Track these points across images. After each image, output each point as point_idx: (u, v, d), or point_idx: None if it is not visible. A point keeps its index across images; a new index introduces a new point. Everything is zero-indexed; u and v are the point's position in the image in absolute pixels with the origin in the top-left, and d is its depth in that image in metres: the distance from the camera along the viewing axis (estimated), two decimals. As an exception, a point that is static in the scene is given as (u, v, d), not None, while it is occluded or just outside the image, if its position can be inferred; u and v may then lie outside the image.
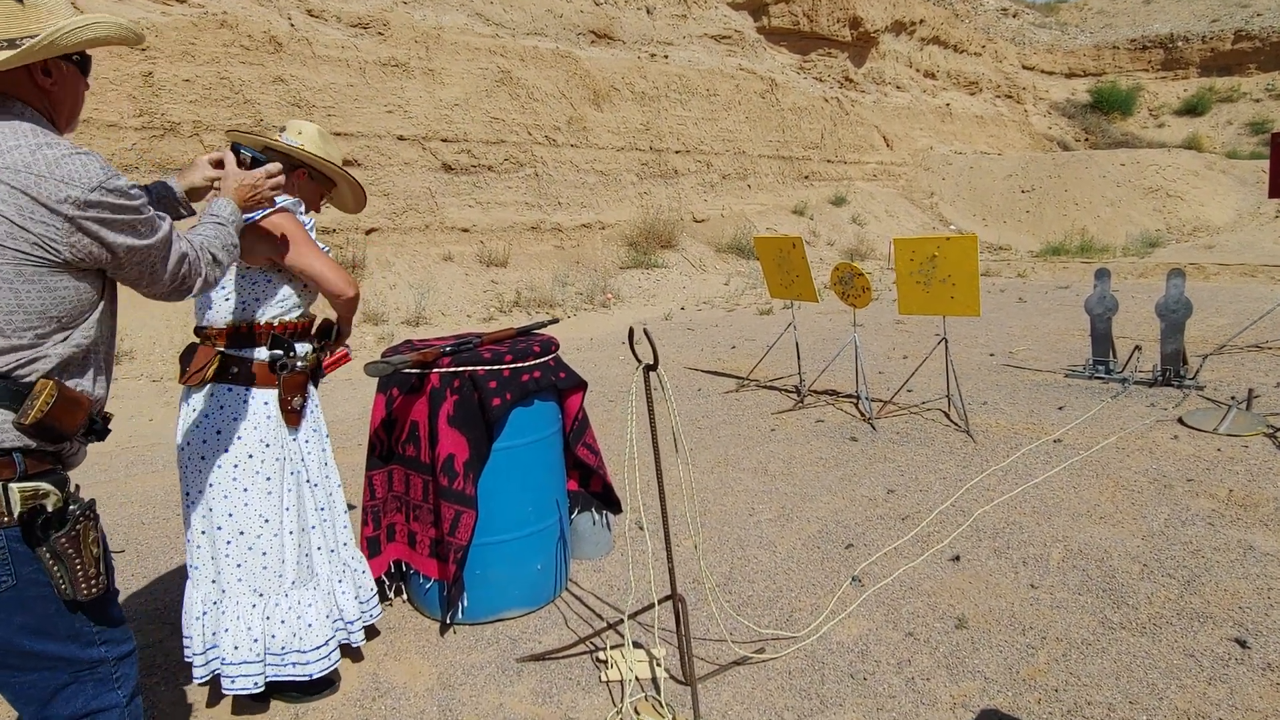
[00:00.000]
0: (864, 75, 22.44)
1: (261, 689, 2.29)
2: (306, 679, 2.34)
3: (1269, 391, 5.46)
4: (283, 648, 2.31)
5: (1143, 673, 2.46)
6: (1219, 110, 30.38)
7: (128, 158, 8.96)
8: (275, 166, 2.00)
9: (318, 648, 2.36)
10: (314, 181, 2.47)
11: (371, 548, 2.91)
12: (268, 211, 2.21)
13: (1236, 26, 30.69)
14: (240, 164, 1.96)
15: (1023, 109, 29.36)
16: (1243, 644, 2.57)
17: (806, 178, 18.34)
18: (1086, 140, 29.96)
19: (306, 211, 2.45)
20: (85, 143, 8.70)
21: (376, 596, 2.65)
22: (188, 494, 2.31)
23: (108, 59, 9.02)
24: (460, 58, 12.36)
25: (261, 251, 2.24)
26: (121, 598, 3.25)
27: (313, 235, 2.43)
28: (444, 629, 2.88)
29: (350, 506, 3.61)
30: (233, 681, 2.27)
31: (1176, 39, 32.09)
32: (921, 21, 24.78)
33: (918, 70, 25.10)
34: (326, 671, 2.38)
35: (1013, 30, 33.94)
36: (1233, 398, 5.26)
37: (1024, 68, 31.65)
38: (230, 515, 2.25)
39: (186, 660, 2.35)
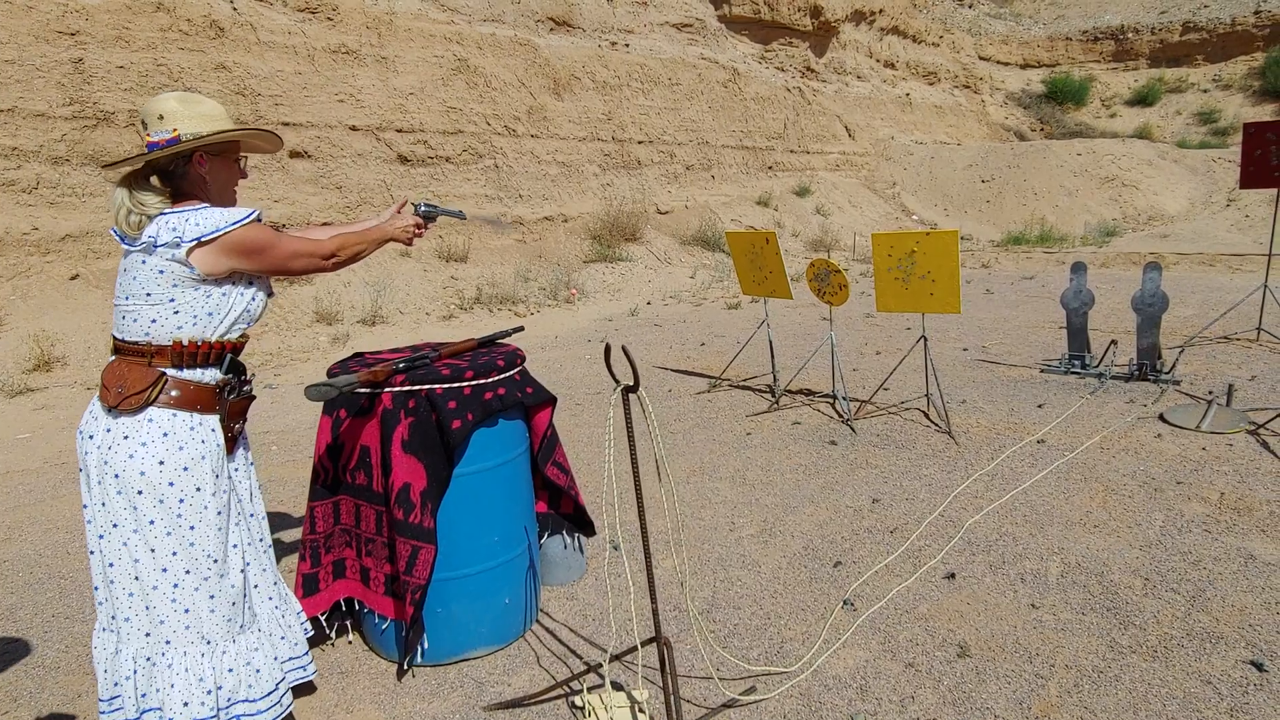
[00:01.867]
0: (825, 65, 22.38)
1: None
2: None
3: (1244, 385, 5.41)
4: (229, 699, 2.05)
5: (1160, 704, 2.29)
6: (1168, 100, 31.05)
7: (58, 149, 8.41)
8: None
9: (268, 694, 2.11)
10: (217, 157, 2.06)
11: (307, 586, 2.61)
12: (231, 226, 1.95)
13: (1185, 18, 31.37)
14: None
15: (980, 99, 29.64)
16: (1259, 667, 2.43)
17: (770, 168, 18.21)
18: (1042, 130, 30.38)
19: (237, 186, 2.17)
20: (11, 134, 8.14)
21: (306, 643, 2.37)
22: (108, 534, 1.97)
23: (33, 44, 8.44)
24: (414, 45, 11.91)
25: (221, 268, 1.98)
26: (43, 641, 2.92)
27: None
28: (401, 672, 2.61)
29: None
30: None
31: (1127, 30, 32.69)
32: (881, 11, 24.81)
33: (878, 60, 25.13)
34: (280, 718, 2.12)
35: (969, 21, 34.27)
36: (1210, 393, 5.20)
37: (980, 58, 31.97)
38: (175, 554, 1.97)
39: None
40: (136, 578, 1.97)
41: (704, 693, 2.45)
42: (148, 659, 2.00)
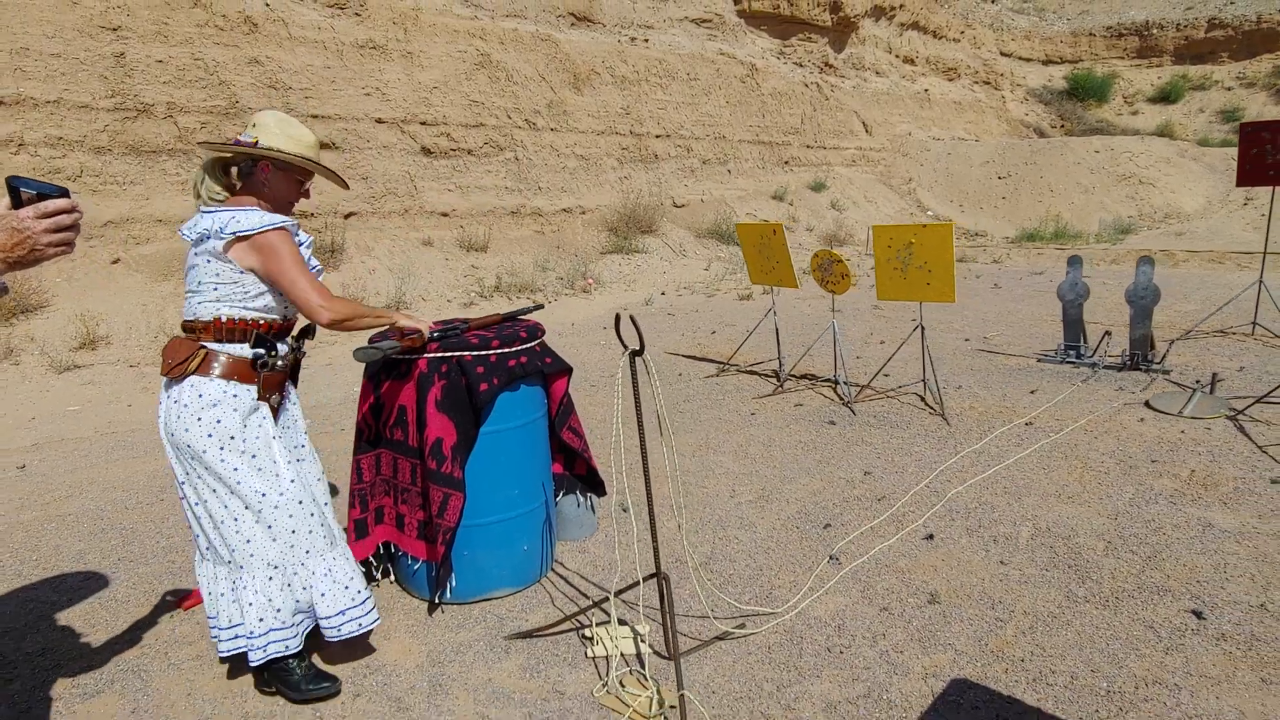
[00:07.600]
0: (844, 61, 22.50)
1: (299, 648, 2.41)
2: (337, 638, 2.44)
3: (1231, 376, 5.63)
4: (310, 605, 2.42)
5: (1104, 643, 2.58)
6: (1191, 98, 30.83)
7: (100, 140, 8.83)
8: (54, 204, 1.40)
9: (342, 610, 2.44)
10: (282, 171, 2.40)
11: (359, 530, 2.96)
12: (263, 228, 2.27)
13: (1210, 15, 31.10)
14: (19, 204, 1.41)
15: (1000, 95, 29.58)
16: (1199, 615, 2.70)
17: (786, 163, 18.41)
18: (1062, 127, 30.28)
19: (295, 203, 2.48)
20: (57, 124, 8.57)
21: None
22: (185, 481, 2.37)
23: (77, 39, 8.86)
24: (439, 40, 12.25)
25: (249, 264, 2.31)
26: (111, 579, 3.28)
27: (307, 253, 2.47)
28: (432, 608, 2.94)
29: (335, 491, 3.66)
30: (264, 651, 2.35)
31: (1151, 26, 32.46)
32: (901, 6, 24.86)
33: (897, 56, 25.19)
34: (357, 634, 2.46)
35: (991, 16, 34.13)
36: (1197, 381, 5.43)
37: (1002, 54, 31.86)
38: (231, 493, 2.33)
39: (212, 638, 2.44)
40: (210, 516, 2.35)
41: (699, 628, 2.76)
42: (232, 586, 2.37)
